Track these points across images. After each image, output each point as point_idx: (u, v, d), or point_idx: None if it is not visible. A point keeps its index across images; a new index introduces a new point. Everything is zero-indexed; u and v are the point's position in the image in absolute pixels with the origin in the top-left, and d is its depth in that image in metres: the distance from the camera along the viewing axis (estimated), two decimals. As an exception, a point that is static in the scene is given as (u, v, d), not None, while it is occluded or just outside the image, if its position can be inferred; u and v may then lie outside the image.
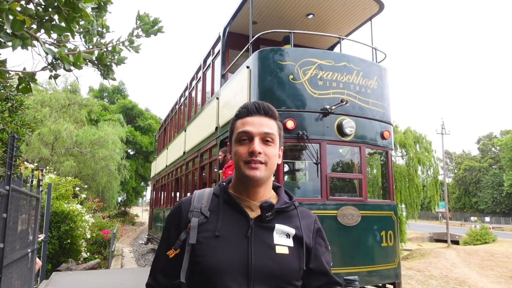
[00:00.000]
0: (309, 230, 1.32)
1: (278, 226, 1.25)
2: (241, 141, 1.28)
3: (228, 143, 1.40)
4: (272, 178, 1.36)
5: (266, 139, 1.27)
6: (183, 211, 1.30)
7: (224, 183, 1.36)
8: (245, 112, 1.31)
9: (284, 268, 1.20)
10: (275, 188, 1.39)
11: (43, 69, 2.66)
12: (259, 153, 1.24)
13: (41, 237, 8.63)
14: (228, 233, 1.22)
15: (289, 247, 1.24)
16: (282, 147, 1.38)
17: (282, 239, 1.24)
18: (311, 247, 1.30)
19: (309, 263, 1.28)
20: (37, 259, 8.35)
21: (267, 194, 1.33)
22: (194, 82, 10.78)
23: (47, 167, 14.39)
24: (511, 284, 13.30)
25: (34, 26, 2.29)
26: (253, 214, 1.27)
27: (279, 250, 1.22)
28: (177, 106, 13.36)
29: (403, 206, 19.18)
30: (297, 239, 1.27)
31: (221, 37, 8.04)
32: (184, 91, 12.11)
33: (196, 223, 1.23)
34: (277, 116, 1.35)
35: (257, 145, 1.25)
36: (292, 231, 1.26)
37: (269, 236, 1.24)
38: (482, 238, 30.17)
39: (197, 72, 10.37)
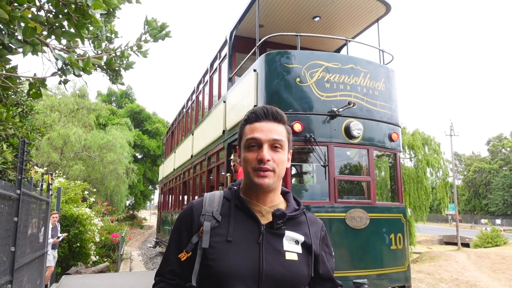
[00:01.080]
0: (317, 237, 1.34)
1: (288, 233, 1.27)
2: (250, 148, 1.28)
3: (237, 147, 1.41)
4: (281, 183, 1.37)
5: (275, 146, 1.28)
6: (195, 214, 1.30)
7: (235, 187, 1.37)
8: (253, 117, 1.32)
9: (293, 274, 1.22)
10: (284, 194, 1.40)
11: (53, 74, 2.69)
12: (268, 160, 1.24)
13: (62, 236, 9.03)
14: (239, 238, 1.23)
15: (298, 253, 1.26)
16: (291, 150, 1.39)
17: (292, 245, 1.26)
18: (318, 254, 1.33)
19: (316, 269, 1.31)
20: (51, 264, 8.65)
21: (277, 199, 1.34)
22: (201, 86, 10.83)
23: (57, 171, 14.54)
24: (523, 287, 13.09)
25: (45, 33, 2.33)
26: (264, 219, 1.28)
27: (289, 256, 1.24)
28: (184, 110, 13.43)
29: (409, 210, 19.03)
30: (305, 246, 1.29)
31: (228, 41, 8.07)
32: (191, 94, 12.17)
33: (209, 227, 1.24)
34: (286, 121, 1.36)
35: (266, 152, 1.25)
36: (301, 238, 1.29)
37: (279, 242, 1.25)
38: (493, 240, 29.77)
39: (204, 76, 10.42)
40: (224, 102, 7.94)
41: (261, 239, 1.23)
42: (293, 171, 8.38)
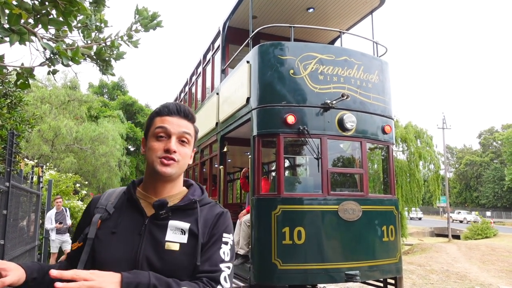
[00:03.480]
0: (206, 225, 1.31)
1: (172, 223, 1.28)
2: (158, 137, 1.32)
3: (142, 137, 1.44)
4: (182, 176, 1.42)
5: (182, 139, 1.33)
6: (92, 206, 1.38)
7: (134, 181, 1.42)
8: (166, 111, 1.35)
9: (171, 264, 1.23)
10: (188, 186, 1.43)
11: (41, 64, 2.63)
12: (174, 151, 1.29)
13: (67, 224, 9.22)
14: (124, 230, 1.28)
15: (181, 243, 1.25)
16: (194, 149, 1.43)
17: (176, 235, 1.26)
18: (204, 242, 1.28)
19: (199, 258, 1.25)
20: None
21: (175, 191, 1.37)
22: (194, 78, 10.74)
23: (47, 164, 14.40)
24: (512, 278, 13.31)
25: (31, 21, 2.26)
26: (153, 211, 1.30)
27: (169, 246, 1.24)
28: (177, 102, 13.32)
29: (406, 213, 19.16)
30: (192, 234, 1.27)
31: (221, 32, 7.99)
32: (184, 86, 12.08)
33: (97, 219, 1.30)
34: (195, 120, 1.41)
35: (174, 143, 1.30)
36: (186, 226, 1.28)
37: (162, 233, 1.27)
38: (483, 232, 30.22)
39: (197, 67, 10.33)
40: (217, 94, 7.88)
41: (143, 230, 1.27)
42: (286, 163, 8.38)
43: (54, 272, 1.03)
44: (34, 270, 1.24)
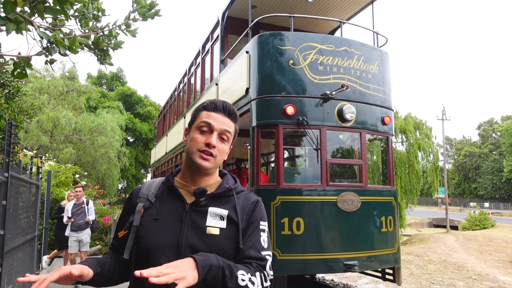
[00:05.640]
0: (244, 212, 1.41)
1: (211, 209, 1.37)
2: (202, 131, 1.41)
3: (186, 127, 1.52)
4: (218, 168, 1.51)
5: (222, 136, 1.42)
6: (133, 197, 1.47)
7: (172, 172, 1.52)
8: (212, 106, 1.44)
9: (212, 247, 1.31)
10: (222, 175, 1.52)
11: (38, 53, 2.60)
12: (214, 146, 1.38)
13: (90, 218, 7.84)
14: (166, 216, 1.37)
15: (221, 228, 1.35)
16: (231, 146, 1.51)
17: (216, 221, 1.36)
18: (244, 227, 1.38)
19: (241, 241, 1.36)
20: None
21: (212, 181, 1.46)
22: (193, 68, 10.68)
23: (47, 155, 14.39)
24: (509, 269, 13.43)
25: (27, 9, 2.23)
26: (191, 199, 1.39)
27: (210, 231, 1.34)
28: (176, 93, 13.27)
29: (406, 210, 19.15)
30: (230, 220, 1.37)
31: (220, 22, 7.92)
32: (183, 77, 12.01)
33: (141, 208, 1.40)
34: (238, 120, 1.50)
35: (215, 138, 1.39)
36: (225, 212, 1.38)
37: (202, 218, 1.36)
38: (481, 223, 30.41)
39: (196, 58, 10.26)
40: (217, 84, 7.84)
41: (184, 216, 1.36)
42: (286, 154, 8.37)
43: (144, 273, 1.09)
44: (96, 266, 1.35)
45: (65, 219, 7.85)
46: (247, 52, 6.34)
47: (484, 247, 17.82)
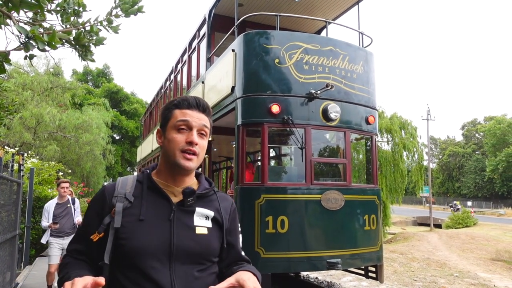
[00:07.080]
0: (226, 212, 1.46)
1: (198, 210, 1.38)
2: (180, 129, 1.37)
3: (158, 128, 1.46)
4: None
5: (201, 132, 1.39)
6: (106, 196, 1.36)
7: (148, 170, 1.46)
8: (186, 104, 1.40)
9: (204, 246, 1.34)
10: (197, 176, 1.50)
11: (16, 48, 2.55)
12: (196, 144, 1.35)
13: (76, 220, 6.18)
14: (151, 217, 1.31)
15: (208, 227, 1.37)
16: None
17: (202, 221, 1.37)
18: (228, 227, 1.44)
19: (226, 240, 1.42)
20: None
21: (191, 181, 1.44)
22: (179, 66, 10.61)
23: (29, 152, 14.11)
24: (489, 266, 13.74)
25: (1, 2, 2.18)
26: (176, 199, 1.37)
27: (199, 230, 1.35)
28: (162, 90, 13.17)
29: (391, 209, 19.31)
30: (216, 220, 1.40)
31: (207, 19, 7.88)
32: (170, 74, 11.93)
33: (121, 208, 1.31)
34: (211, 114, 1.47)
35: (195, 135, 1.36)
36: (211, 213, 1.40)
37: (190, 218, 1.36)
38: (464, 221, 30.99)
39: (182, 55, 10.20)
40: (203, 82, 7.81)
41: (173, 216, 1.33)
42: (271, 153, 8.39)
43: None
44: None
45: (44, 224, 6.07)
46: (233, 50, 6.33)
47: (466, 245, 18.18)
